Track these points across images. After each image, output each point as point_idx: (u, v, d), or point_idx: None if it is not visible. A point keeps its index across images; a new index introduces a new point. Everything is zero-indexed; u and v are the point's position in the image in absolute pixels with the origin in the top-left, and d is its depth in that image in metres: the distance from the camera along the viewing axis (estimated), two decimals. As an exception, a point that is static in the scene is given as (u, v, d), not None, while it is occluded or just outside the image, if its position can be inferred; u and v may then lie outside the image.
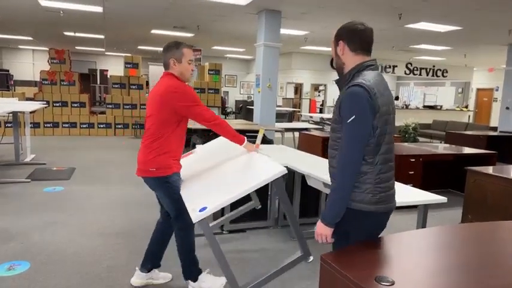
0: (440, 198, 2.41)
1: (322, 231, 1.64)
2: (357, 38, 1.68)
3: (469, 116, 16.61)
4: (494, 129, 10.56)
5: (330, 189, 1.66)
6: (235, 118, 16.04)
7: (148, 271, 2.69)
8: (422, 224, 2.49)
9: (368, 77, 1.62)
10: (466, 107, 17.18)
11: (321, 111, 17.54)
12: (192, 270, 2.59)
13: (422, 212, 2.50)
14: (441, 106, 16.63)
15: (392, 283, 1.22)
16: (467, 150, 5.82)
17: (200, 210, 1.83)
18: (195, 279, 2.59)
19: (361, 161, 1.61)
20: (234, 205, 3.44)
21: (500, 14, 7.07)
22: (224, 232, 3.75)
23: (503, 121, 10.50)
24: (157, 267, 2.74)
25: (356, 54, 1.69)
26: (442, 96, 17.80)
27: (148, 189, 2.51)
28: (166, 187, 2.42)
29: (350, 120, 1.57)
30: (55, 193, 4.86)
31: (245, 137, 2.51)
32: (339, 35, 1.72)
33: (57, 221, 3.87)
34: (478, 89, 17.78)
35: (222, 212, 3.37)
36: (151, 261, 2.69)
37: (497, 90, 15.95)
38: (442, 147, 6.09)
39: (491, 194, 3.55)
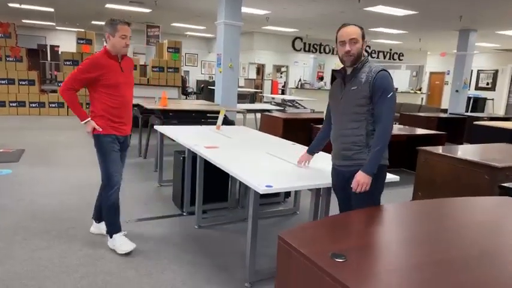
0: (393, 177, 2.50)
1: (365, 180, 2.04)
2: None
3: (422, 99, 17.39)
4: (445, 111, 11.14)
5: (374, 148, 2.06)
6: (197, 98, 15.76)
7: (100, 222, 3.11)
8: (376, 201, 2.59)
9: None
10: (420, 89, 17.95)
11: (283, 93, 17.64)
12: (110, 228, 2.91)
13: (376, 190, 2.59)
14: (397, 89, 17.25)
15: (346, 259, 1.26)
16: (420, 131, 6.10)
17: (266, 186, 2.22)
18: (110, 236, 2.91)
19: None
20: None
21: (452, 1, 7.35)
22: (184, 214, 3.72)
23: (452, 104, 11.09)
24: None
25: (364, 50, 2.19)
26: (398, 79, 18.44)
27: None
28: (99, 146, 2.77)
29: (390, 95, 2.04)
30: (2, 176, 4.57)
31: (88, 118, 2.75)
32: (364, 35, 2.18)
33: (5, 206, 3.65)
34: (431, 73, 18.60)
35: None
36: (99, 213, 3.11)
37: (448, 74, 16.76)
38: (396, 128, 6.33)
39: (440, 173, 3.76)
